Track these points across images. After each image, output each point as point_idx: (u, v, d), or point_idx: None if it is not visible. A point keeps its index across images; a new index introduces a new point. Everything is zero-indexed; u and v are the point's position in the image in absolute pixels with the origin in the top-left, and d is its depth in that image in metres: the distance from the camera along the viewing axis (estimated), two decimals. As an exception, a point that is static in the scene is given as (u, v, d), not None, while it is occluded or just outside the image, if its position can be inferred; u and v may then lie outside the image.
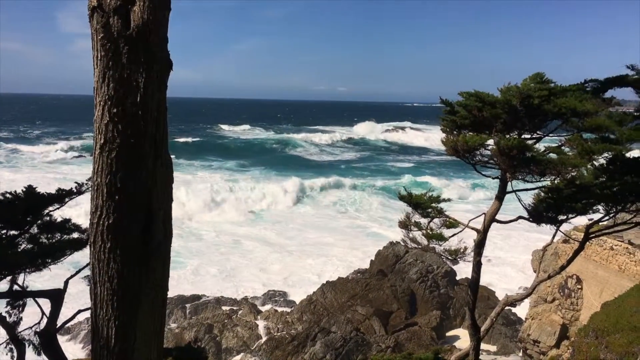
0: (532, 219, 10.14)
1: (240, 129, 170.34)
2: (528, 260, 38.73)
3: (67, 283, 9.94)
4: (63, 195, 10.08)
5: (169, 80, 3.29)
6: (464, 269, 39.33)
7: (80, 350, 30.63)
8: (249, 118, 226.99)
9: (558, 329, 28.98)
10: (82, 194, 10.21)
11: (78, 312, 10.05)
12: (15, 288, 9.76)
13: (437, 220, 10.65)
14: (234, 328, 34.45)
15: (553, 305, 30.30)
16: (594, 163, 9.00)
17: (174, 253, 43.62)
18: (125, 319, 3.26)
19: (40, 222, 9.84)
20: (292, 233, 56.64)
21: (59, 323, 9.76)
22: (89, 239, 3.24)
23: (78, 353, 30.48)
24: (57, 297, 9.58)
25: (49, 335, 9.34)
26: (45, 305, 9.92)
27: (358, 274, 42.13)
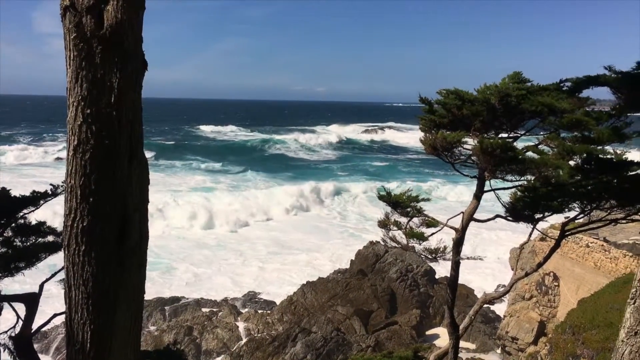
0: (509, 218, 10.24)
1: (220, 129, 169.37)
2: (506, 258, 39.17)
3: (42, 287, 9.76)
4: (38, 198, 9.91)
5: (147, 81, 3.25)
6: (444, 268, 39.65)
7: (57, 355, 30.17)
8: (229, 118, 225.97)
9: (536, 326, 29.37)
10: (57, 196, 10.05)
11: (54, 316, 9.87)
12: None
13: (416, 220, 10.69)
14: (214, 330, 34.24)
15: (531, 303, 30.71)
16: (570, 162, 9.13)
17: (153, 254, 43.49)
18: (101, 323, 3.21)
19: (14, 225, 9.67)
20: (273, 233, 56.59)
21: (35, 327, 9.60)
22: (63, 242, 3.19)
23: (54, 357, 30.06)
24: (32, 301, 9.41)
25: (24, 340, 9.18)
26: (20, 310, 9.75)
27: (338, 274, 42.18)
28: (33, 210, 9.93)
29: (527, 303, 30.83)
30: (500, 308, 36.72)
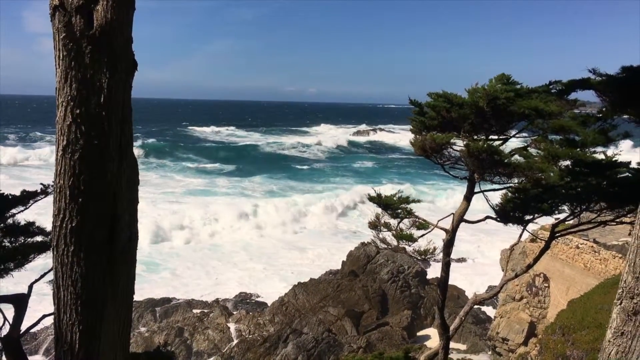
0: (499, 219, 10.30)
1: (213, 130, 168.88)
2: (496, 260, 39.35)
3: (31, 287, 9.70)
4: (27, 197, 9.85)
5: (138, 81, 3.24)
6: (435, 269, 39.83)
7: (46, 356, 29.97)
8: (222, 119, 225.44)
9: (526, 327, 29.49)
10: (48, 195, 9.99)
11: (43, 316, 9.80)
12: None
13: (406, 221, 10.73)
14: (205, 331, 34.15)
15: (521, 304, 30.83)
16: (560, 165, 9.19)
17: (144, 255, 43.30)
18: (90, 324, 3.20)
19: (3, 225, 9.60)
20: (264, 231, 56.53)
21: (24, 328, 9.54)
22: (52, 243, 3.18)
23: (43, 358, 29.86)
24: (20, 302, 9.34)
25: (13, 341, 9.12)
26: (8, 311, 9.68)
27: (330, 275, 42.20)
28: (22, 210, 9.87)
29: (517, 304, 30.96)
30: (491, 309, 36.92)
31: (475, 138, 9.34)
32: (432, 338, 34.08)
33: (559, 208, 9.99)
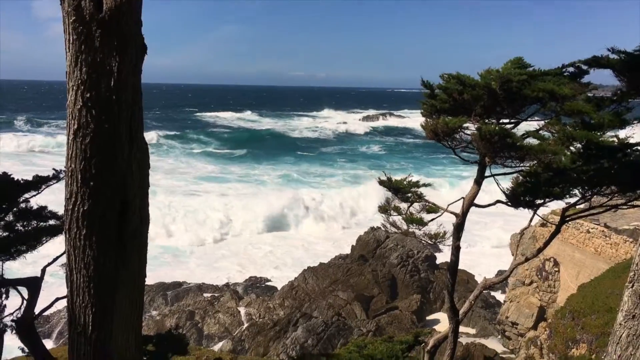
0: (510, 203, 10.23)
1: (221, 115, 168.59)
2: (506, 244, 39.26)
3: (44, 270, 9.82)
4: (39, 182, 9.92)
5: (146, 66, 3.23)
6: (444, 254, 39.81)
7: (59, 339, 30.38)
8: (230, 104, 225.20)
9: (536, 311, 29.51)
10: (60, 180, 10.06)
11: (56, 299, 9.94)
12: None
13: (416, 205, 10.70)
14: (216, 314, 34.46)
15: (531, 288, 30.82)
16: (571, 148, 9.10)
17: (155, 239, 43.56)
18: (102, 306, 3.23)
19: (16, 209, 9.69)
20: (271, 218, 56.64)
21: (37, 311, 9.66)
22: (64, 226, 3.20)
23: (56, 341, 30.27)
24: (34, 285, 9.47)
25: (26, 324, 9.25)
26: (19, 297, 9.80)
27: (339, 260, 42.30)
28: (35, 195, 9.95)
29: (527, 288, 30.95)
30: (501, 293, 36.94)
31: (487, 122, 9.26)
32: (441, 322, 34.18)
33: (571, 192, 9.90)
